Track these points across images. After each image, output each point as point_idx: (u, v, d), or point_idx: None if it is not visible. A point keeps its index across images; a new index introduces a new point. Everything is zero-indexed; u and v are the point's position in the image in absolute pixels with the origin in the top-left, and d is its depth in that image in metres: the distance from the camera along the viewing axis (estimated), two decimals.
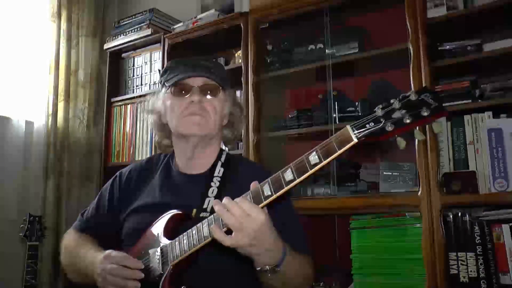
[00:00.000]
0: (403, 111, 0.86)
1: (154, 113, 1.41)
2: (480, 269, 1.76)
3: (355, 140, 0.89)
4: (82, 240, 1.37)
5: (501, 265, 1.74)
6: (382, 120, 0.87)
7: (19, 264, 2.39)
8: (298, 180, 0.94)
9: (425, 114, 0.84)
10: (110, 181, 1.47)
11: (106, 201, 1.42)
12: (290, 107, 2.58)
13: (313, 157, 0.93)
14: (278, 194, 0.97)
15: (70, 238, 1.42)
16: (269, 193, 0.97)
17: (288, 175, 0.95)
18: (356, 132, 0.89)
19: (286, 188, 0.96)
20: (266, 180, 0.99)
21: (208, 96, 1.32)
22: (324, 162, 0.92)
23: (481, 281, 1.75)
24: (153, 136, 1.48)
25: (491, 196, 1.80)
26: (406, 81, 1.98)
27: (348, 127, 0.90)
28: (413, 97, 0.86)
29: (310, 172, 0.93)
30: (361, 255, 2.04)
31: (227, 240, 0.97)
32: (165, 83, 1.36)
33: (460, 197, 1.84)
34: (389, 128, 0.87)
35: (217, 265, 1.18)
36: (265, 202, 0.98)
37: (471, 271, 1.78)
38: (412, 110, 0.85)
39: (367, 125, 0.88)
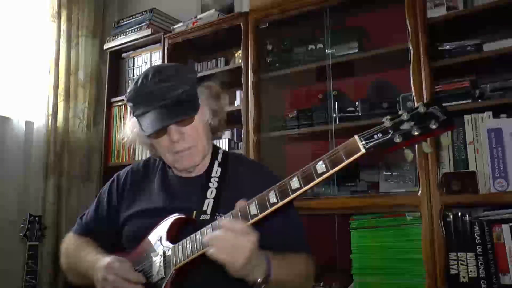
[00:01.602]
0: (412, 123, 0.86)
1: (133, 134, 1.36)
2: (480, 269, 1.76)
3: (363, 150, 0.89)
4: (81, 243, 1.37)
5: (501, 265, 1.74)
6: (390, 131, 0.87)
7: (19, 264, 2.40)
8: (304, 189, 0.94)
9: (434, 127, 0.84)
10: (107, 184, 1.46)
11: (104, 205, 1.41)
12: (290, 107, 2.58)
13: (320, 166, 0.93)
14: (283, 201, 0.97)
15: (69, 241, 1.41)
16: (275, 201, 0.97)
17: (295, 183, 0.95)
18: (364, 142, 0.89)
19: (292, 196, 0.96)
20: (272, 187, 0.99)
21: (187, 127, 1.25)
22: (331, 172, 0.92)
23: (481, 281, 1.75)
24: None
25: (491, 196, 1.80)
26: (406, 81, 1.98)
27: (356, 137, 0.90)
28: (421, 109, 0.86)
29: (317, 181, 0.93)
30: (361, 255, 2.04)
31: (222, 257, 0.98)
32: (138, 123, 1.28)
33: (460, 197, 1.84)
34: (397, 139, 0.86)
35: (219, 269, 1.18)
36: (270, 209, 0.98)
37: (471, 271, 1.78)
38: (420, 122, 0.85)
39: (375, 136, 0.88)
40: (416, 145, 1.91)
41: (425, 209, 1.86)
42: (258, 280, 1.02)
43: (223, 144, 2.54)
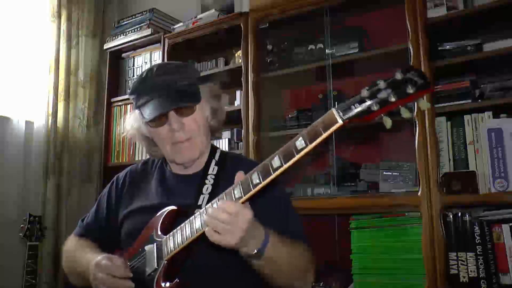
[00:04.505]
0: (389, 90, 0.85)
1: (133, 129, 1.39)
2: (480, 269, 1.76)
3: (340, 122, 0.89)
4: (81, 245, 1.39)
5: (501, 265, 1.74)
6: (367, 100, 0.87)
7: (19, 264, 2.39)
8: (285, 166, 0.95)
9: (411, 91, 0.84)
10: (107, 186, 1.48)
11: (104, 206, 1.43)
12: (290, 107, 2.58)
13: (300, 142, 0.93)
14: (266, 181, 0.97)
15: (70, 243, 1.43)
16: (258, 181, 0.98)
17: (276, 162, 0.96)
18: (341, 113, 0.89)
19: (274, 175, 0.96)
20: (255, 168, 1.00)
21: (186, 117, 1.28)
22: (310, 146, 0.92)
23: (481, 281, 1.75)
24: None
25: (491, 196, 1.80)
26: None
27: (333, 109, 0.90)
28: (398, 76, 0.86)
29: (297, 157, 0.93)
30: (361, 255, 2.04)
31: (221, 240, 0.99)
32: (139, 112, 1.32)
33: (460, 197, 1.84)
34: (375, 107, 0.86)
35: (212, 259, 1.19)
36: (254, 190, 0.99)
37: (471, 271, 1.78)
38: (397, 88, 0.85)
39: (352, 107, 0.88)
40: (416, 143, 1.91)
41: (425, 209, 1.86)
42: (253, 252, 1.03)
43: (223, 144, 2.54)
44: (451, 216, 1.85)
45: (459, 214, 1.84)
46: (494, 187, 1.79)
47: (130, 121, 1.39)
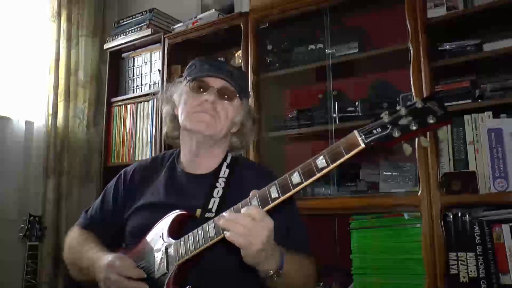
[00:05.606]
0: (410, 118, 0.87)
1: (169, 102, 1.42)
2: (480, 269, 1.76)
3: (363, 145, 0.90)
4: (85, 238, 1.37)
5: (501, 265, 1.74)
6: (389, 126, 0.89)
7: (19, 264, 2.39)
8: (305, 183, 0.96)
9: (431, 121, 0.86)
10: (114, 179, 1.47)
11: (110, 199, 1.42)
12: (290, 107, 2.58)
13: (321, 161, 0.94)
14: (285, 196, 0.98)
15: (73, 235, 1.42)
16: (276, 195, 0.99)
17: (296, 178, 0.97)
18: (363, 137, 0.90)
19: (293, 191, 0.97)
20: (273, 182, 1.00)
21: (223, 100, 1.32)
22: (332, 166, 0.93)
23: (481, 281, 1.75)
24: (163, 126, 1.49)
25: (491, 196, 1.80)
26: (406, 81, 1.98)
27: (356, 132, 0.92)
28: (419, 104, 0.88)
29: (318, 175, 0.94)
30: (361, 255, 2.04)
31: (245, 244, 0.97)
32: (186, 77, 1.36)
33: (460, 197, 1.84)
34: (396, 134, 0.88)
35: (222, 265, 1.19)
36: (272, 204, 0.99)
37: (471, 271, 1.78)
38: (418, 117, 0.87)
39: (374, 131, 0.90)
40: (416, 144, 1.91)
41: (425, 209, 1.86)
42: (270, 272, 1.03)
43: None
44: (451, 216, 1.85)
45: (459, 214, 1.84)
46: (494, 187, 1.79)
47: (171, 87, 1.42)
